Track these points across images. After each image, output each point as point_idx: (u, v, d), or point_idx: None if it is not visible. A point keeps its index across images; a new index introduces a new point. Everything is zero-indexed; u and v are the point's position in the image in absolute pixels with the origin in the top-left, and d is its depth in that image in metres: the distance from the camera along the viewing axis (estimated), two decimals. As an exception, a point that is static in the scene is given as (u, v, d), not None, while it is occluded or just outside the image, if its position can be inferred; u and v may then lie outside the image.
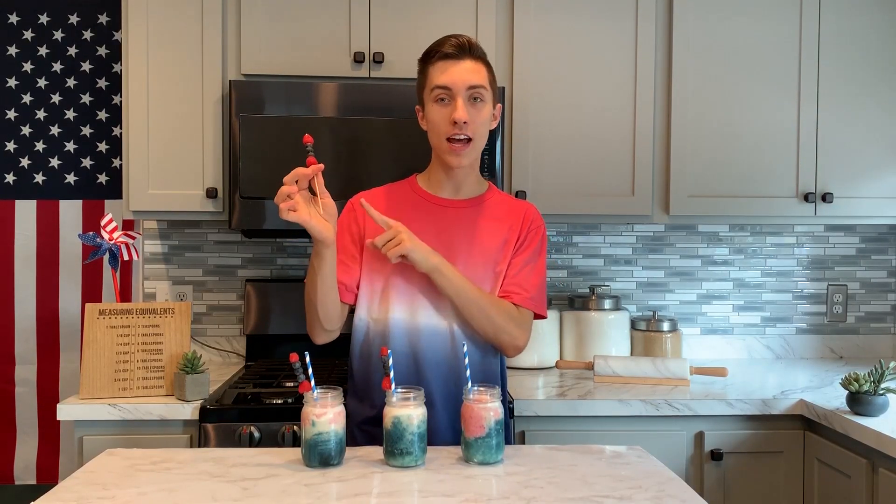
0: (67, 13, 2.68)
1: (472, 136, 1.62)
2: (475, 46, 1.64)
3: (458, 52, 1.61)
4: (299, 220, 1.42)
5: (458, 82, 1.60)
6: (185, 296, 2.68)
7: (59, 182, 2.69)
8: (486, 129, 1.66)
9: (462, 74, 1.60)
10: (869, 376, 1.92)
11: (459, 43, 1.61)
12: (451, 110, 1.60)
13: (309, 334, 1.66)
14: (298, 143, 1.44)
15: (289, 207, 1.41)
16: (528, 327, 1.69)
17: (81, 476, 1.36)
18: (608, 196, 2.43)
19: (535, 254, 1.71)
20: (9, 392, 2.67)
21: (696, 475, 2.11)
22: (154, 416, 1.99)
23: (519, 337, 1.66)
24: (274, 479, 1.34)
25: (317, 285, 1.54)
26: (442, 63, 1.61)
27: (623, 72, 2.43)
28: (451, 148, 1.62)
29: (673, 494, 1.28)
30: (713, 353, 2.81)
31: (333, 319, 1.62)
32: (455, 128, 1.60)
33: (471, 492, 1.28)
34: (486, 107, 1.64)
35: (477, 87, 1.61)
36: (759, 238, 2.83)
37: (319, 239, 1.47)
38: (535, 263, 1.71)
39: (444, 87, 1.60)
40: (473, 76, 1.61)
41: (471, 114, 1.60)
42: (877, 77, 2.47)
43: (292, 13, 2.34)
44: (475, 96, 1.61)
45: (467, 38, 1.64)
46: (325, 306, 1.58)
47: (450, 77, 1.60)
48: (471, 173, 1.72)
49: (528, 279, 1.68)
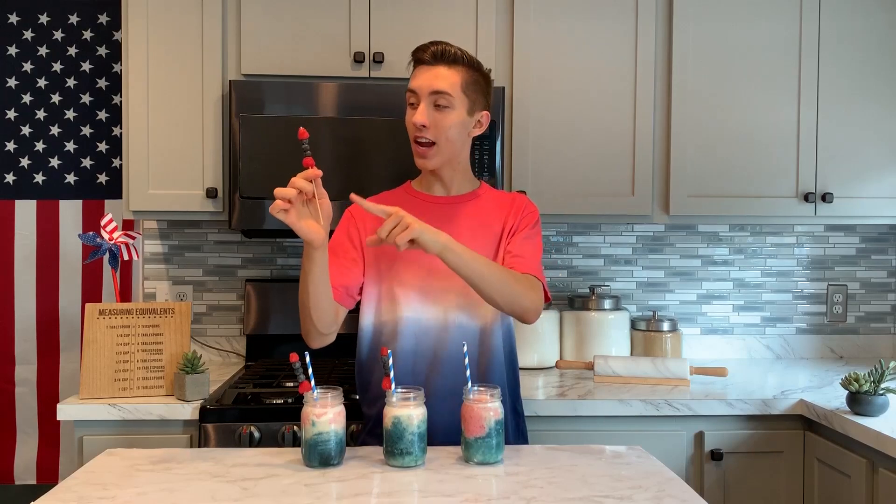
0: (67, 13, 2.68)
1: (434, 140, 1.65)
2: (450, 54, 1.65)
3: (432, 58, 1.65)
4: (287, 221, 1.42)
5: (423, 87, 1.64)
6: (185, 296, 2.68)
7: (59, 182, 2.69)
8: (456, 135, 1.67)
9: (427, 80, 1.64)
10: (869, 376, 1.92)
11: (434, 50, 1.65)
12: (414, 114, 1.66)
13: (304, 338, 1.66)
14: (298, 143, 1.43)
15: (281, 207, 1.40)
16: (542, 293, 1.67)
17: (81, 476, 1.36)
18: (608, 196, 2.43)
19: (532, 232, 1.73)
20: (9, 392, 2.67)
21: (696, 475, 2.11)
22: (154, 416, 1.99)
23: (537, 300, 1.63)
24: (274, 479, 1.34)
25: (308, 288, 1.54)
26: (417, 68, 1.68)
27: (623, 72, 2.43)
28: (416, 150, 1.69)
29: (673, 494, 1.28)
30: (713, 353, 2.81)
31: (328, 323, 1.62)
32: (416, 131, 1.65)
33: (471, 492, 1.28)
34: (451, 112, 1.65)
35: (440, 92, 1.63)
36: (759, 238, 2.83)
37: (308, 241, 1.47)
38: (534, 241, 1.72)
39: (412, 91, 1.67)
40: (438, 82, 1.63)
41: (434, 118, 1.64)
42: (877, 77, 2.47)
43: (292, 13, 2.35)
44: (438, 102, 1.64)
45: (445, 45, 1.65)
46: (319, 309, 1.57)
47: (417, 82, 1.66)
48: (455, 174, 1.74)
49: (531, 254, 1.69)
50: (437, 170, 1.71)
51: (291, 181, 1.41)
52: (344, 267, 1.66)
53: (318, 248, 1.48)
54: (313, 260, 1.50)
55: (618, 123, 2.43)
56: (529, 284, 1.62)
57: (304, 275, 1.54)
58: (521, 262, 1.66)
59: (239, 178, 2.25)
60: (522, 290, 1.59)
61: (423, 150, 1.66)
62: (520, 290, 1.58)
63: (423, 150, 1.66)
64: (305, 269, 1.53)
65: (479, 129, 1.73)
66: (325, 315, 1.60)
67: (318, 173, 1.43)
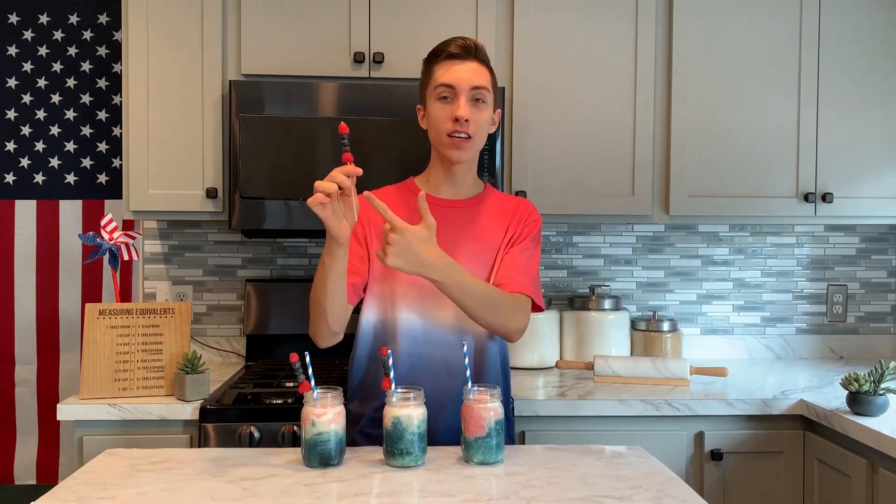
0: (67, 13, 2.68)
1: (472, 135, 1.64)
2: (480, 49, 1.67)
3: (464, 52, 1.64)
4: (322, 216, 1.42)
5: (463, 81, 1.62)
6: (185, 296, 2.68)
7: (59, 182, 2.69)
8: (486, 132, 1.69)
9: (466, 74, 1.63)
10: (869, 376, 1.92)
11: (465, 44, 1.65)
12: (453, 108, 1.63)
13: (313, 338, 1.64)
14: (298, 144, 1.43)
15: (320, 201, 1.40)
16: (528, 312, 1.68)
17: (81, 476, 1.36)
18: (608, 196, 2.43)
19: (531, 244, 1.72)
20: (9, 392, 2.67)
21: (696, 475, 2.11)
22: (154, 416, 1.99)
23: (522, 320, 1.65)
24: (274, 479, 1.34)
25: (327, 285, 1.53)
26: (447, 62, 1.65)
27: (623, 72, 2.43)
28: (451, 142, 1.64)
29: (673, 494, 1.28)
30: (713, 353, 2.81)
31: (340, 321, 1.61)
32: (457, 125, 1.62)
33: (471, 492, 1.28)
34: (487, 109, 1.66)
35: (480, 87, 1.64)
36: (759, 238, 2.83)
37: (335, 236, 1.47)
38: (531, 253, 1.72)
39: (447, 86, 1.63)
40: (477, 77, 1.64)
41: (472, 113, 1.63)
42: (877, 77, 2.47)
43: (292, 13, 2.35)
44: (477, 97, 1.64)
45: (473, 40, 1.67)
46: (334, 307, 1.57)
47: (454, 76, 1.63)
48: (469, 173, 1.74)
49: (526, 268, 1.69)
50: (455, 167, 1.70)
51: (331, 175, 1.41)
52: (352, 264, 1.66)
53: (342, 245, 1.48)
54: (336, 256, 1.50)
55: (618, 123, 2.43)
56: (516, 305, 1.63)
57: (324, 271, 1.53)
58: (512, 279, 1.66)
59: (239, 178, 2.25)
60: (507, 313, 1.60)
61: (460, 142, 1.64)
62: (504, 313, 1.60)
63: (461, 142, 1.64)
64: (326, 266, 1.52)
65: (493, 127, 1.74)
66: (340, 312, 1.59)
67: (358, 171, 1.42)
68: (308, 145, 2.25)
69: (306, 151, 2.25)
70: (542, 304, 1.73)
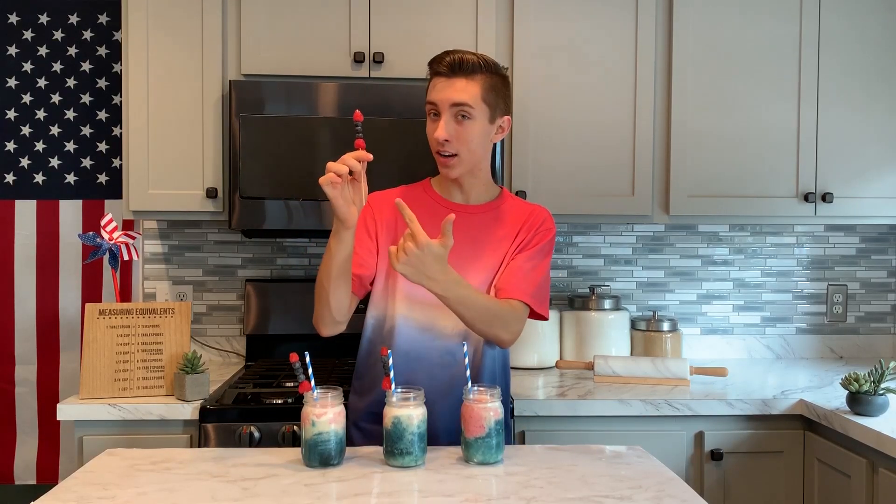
0: (67, 13, 2.68)
1: (457, 152, 1.65)
2: (468, 63, 1.63)
3: (449, 70, 1.63)
4: (331, 195, 1.45)
5: (443, 100, 1.63)
6: (185, 296, 2.68)
7: (59, 182, 2.69)
8: (480, 144, 1.68)
9: (448, 93, 1.63)
10: (869, 376, 1.92)
11: (452, 61, 1.63)
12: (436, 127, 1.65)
13: (316, 326, 1.66)
14: (298, 144, 1.44)
15: (332, 181, 1.43)
16: (524, 320, 1.69)
17: (81, 476, 1.36)
18: (608, 196, 2.43)
19: (539, 253, 1.72)
20: (9, 392, 2.67)
21: (696, 475, 2.11)
22: (154, 416, 1.99)
23: (516, 330, 1.66)
24: (274, 479, 1.34)
25: (332, 271, 1.55)
26: (435, 79, 1.67)
27: (623, 72, 2.43)
28: (439, 160, 1.68)
29: (673, 494, 1.28)
30: (713, 353, 2.81)
31: (343, 310, 1.63)
32: (438, 145, 1.65)
33: (471, 492, 1.28)
34: (472, 123, 1.64)
35: (461, 104, 1.62)
36: (759, 238, 2.83)
37: (342, 219, 1.48)
38: (538, 261, 1.71)
39: (432, 104, 1.66)
40: (459, 94, 1.62)
41: (455, 131, 1.64)
42: (877, 77, 2.47)
43: (292, 13, 2.35)
44: (461, 114, 1.63)
45: (462, 55, 1.63)
46: (338, 294, 1.58)
47: (437, 95, 1.65)
48: (475, 182, 1.74)
49: (529, 276, 1.68)
50: (459, 178, 1.71)
51: (343, 158, 1.45)
52: (360, 256, 1.67)
53: (349, 229, 1.51)
54: (342, 240, 1.52)
55: (618, 123, 2.43)
56: (513, 316, 1.63)
57: (330, 256, 1.54)
58: (512, 285, 1.66)
59: (239, 178, 2.25)
60: (502, 324, 1.61)
61: (445, 160, 1.66)
62: (499, 325, 1.61)
63: (446, 160, 1.66)
64: (332, 250, 1.53)
65: (501, 135, 1.73)
66: (343, 300, 1.61)
67: (368, 156, 1.46)
68: (308, 145, 2.25)
69: (306, 151, 2.25)
70: (546, 314, 1.72)
